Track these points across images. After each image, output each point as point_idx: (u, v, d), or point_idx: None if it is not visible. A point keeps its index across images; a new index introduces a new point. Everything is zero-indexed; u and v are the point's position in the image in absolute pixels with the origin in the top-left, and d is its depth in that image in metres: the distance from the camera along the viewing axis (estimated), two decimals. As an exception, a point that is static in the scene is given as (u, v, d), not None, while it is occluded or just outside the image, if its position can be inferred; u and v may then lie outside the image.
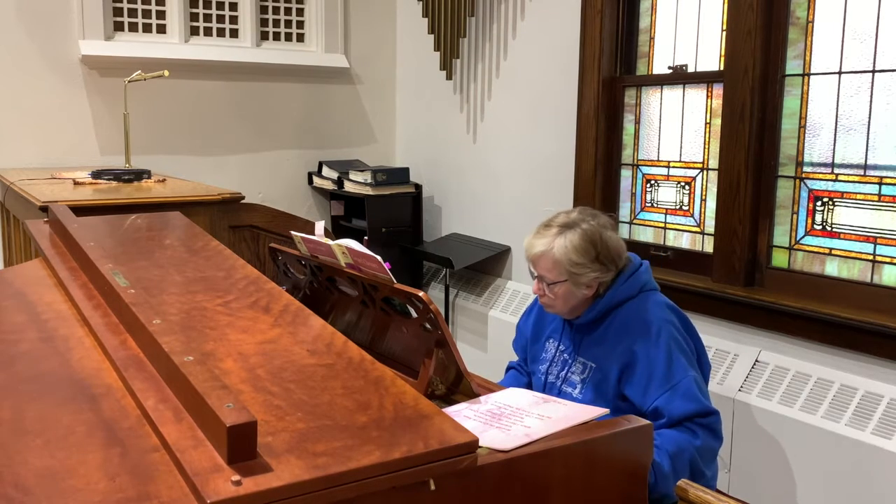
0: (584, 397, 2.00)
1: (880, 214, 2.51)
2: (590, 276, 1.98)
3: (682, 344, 1.94)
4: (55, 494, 0.86)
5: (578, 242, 1.97)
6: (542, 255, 2.01)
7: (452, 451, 0.98)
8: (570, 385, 2.05)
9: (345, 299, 1.84)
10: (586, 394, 2.01)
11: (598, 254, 1.98)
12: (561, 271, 1.97)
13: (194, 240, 1.89)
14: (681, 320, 2.01)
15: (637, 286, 2.02)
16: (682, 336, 1.97)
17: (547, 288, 2.02)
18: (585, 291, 2.00)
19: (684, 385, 1.88)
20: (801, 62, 2.69)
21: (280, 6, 4.34)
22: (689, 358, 1.95)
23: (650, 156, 3.28)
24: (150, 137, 3.98)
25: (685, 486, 1.26)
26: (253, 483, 0.85)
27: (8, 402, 1.07)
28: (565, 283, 1.99)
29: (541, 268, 2.03)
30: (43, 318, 1.40)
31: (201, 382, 0.97)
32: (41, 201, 2.37)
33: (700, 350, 2.04)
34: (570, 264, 1.96)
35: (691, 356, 1.97)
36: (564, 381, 2.07)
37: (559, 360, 2.11)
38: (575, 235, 1.98)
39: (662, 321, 1.95)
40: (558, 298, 2.01)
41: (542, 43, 3.61)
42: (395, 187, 4.17)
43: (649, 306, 1.99)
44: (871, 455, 2.28)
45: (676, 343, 1.93)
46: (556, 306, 2.04)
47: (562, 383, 2.08)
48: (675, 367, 1.90)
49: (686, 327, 2.02)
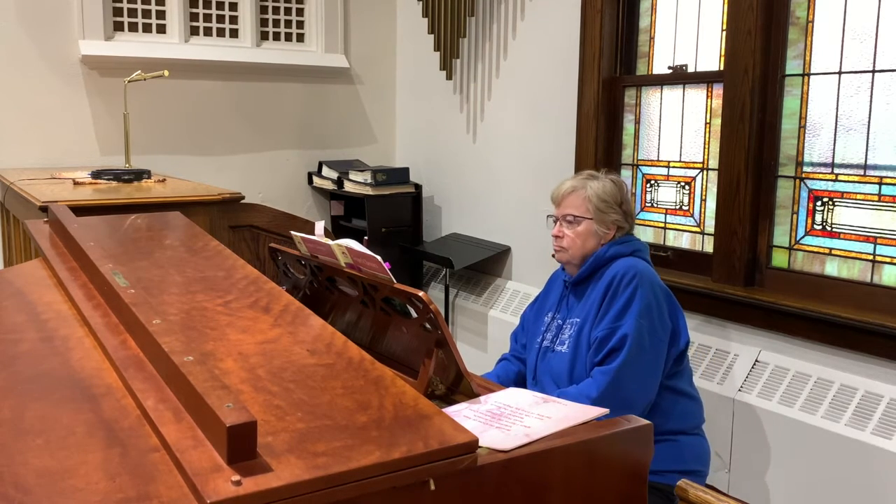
0: (569, 350, 2.09)
1: (880, 214, 2.51)
2: (612, 217, 2.13)
3: (648, 296, 2.01)
4: (55, 494, 0.86)
5: (609, 186, 2.17)
6: (573, 192, 2.16)
7: (452, 451, 0.98)
8: (560, 343, 2.13)
9: (345, 299, 1.84)
10: (570, 347, 2.09)
11: (622, 202, 2.16)
12: (588, 207, 2.13)
13: (194, 240, 1.89)
14: (663, 289, 2.08)
15: (630, 248, 2.13)
16: (654, 294, 2.03)
17: (568, 227, 2.14)
18: (606, 232, 2.13)
19: (625, 327, 1.96)
20: (801, 62, 2.69)
21: (280, 6, 4.34)
22: (650, 310, 2.00)
23: (650, 156, 3.28)
24: (150, 137, 3.98)
25: (685, 486, 1.26)
26: (253, 483, 0.85)
27: (8, 402, 1.07)
28: (589, 222, 2.12)
29: (567, 205, 2.16)
30: (43, 318, 1.40)
31: (201, 382, 0.97)
32: (41, 201, 2.37)
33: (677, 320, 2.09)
34: (599, 201, 2.13)
35: (654, 312, 2.01)
36: (556, 342, 2.15)
37: (553, 327, 2.19)
38: (606, 181, 2.18)
39: (639, 272, 2.04)
40: (577, 238, 2.13)
41: (542, 43, 3.61)
42: (395, 187, 4.17)
43: (636, 262, 2.09)
44: (871, 455, 2.28)
45: (643, 292, 2.00)
46: (572, 249, 2.14)
47: (555, 345, 2.15)
48: (629, 311, 1.98)
49: (667, 297, 2.08)
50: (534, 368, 2.19)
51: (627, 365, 1.94)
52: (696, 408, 2.16)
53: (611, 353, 1.98)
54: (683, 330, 2.10)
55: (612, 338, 1.97)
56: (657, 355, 2.01)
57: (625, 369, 1.93)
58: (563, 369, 2.09)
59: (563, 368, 2.09)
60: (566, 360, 2.09)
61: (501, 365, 2.34)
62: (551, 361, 2.14)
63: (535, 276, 3.71)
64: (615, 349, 1.97)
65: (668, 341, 2.04)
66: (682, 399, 2.11)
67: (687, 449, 2.09)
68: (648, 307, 2.00)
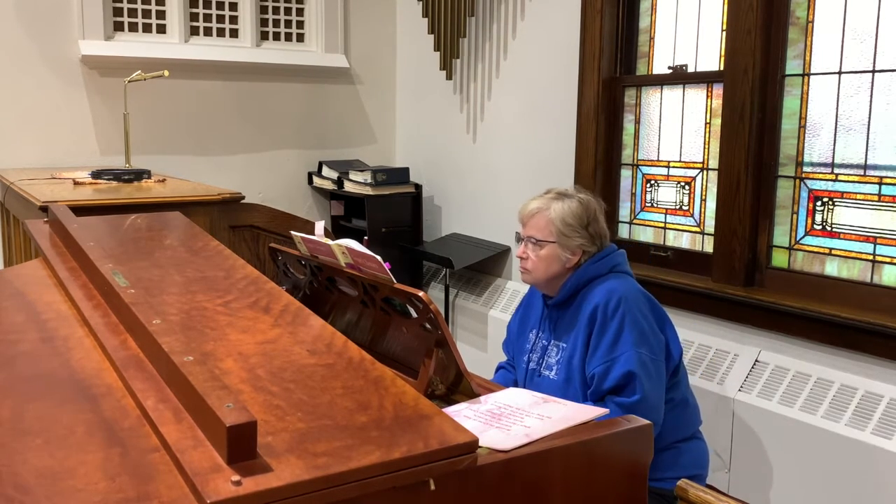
0: (559, 378, 2.04)
1: (880, 214, 2.51)
2: (577, 241, 2.05)
3: (638, 320, 1.96)
4: (55, 494, 0.86)
5: (574, 207, 2.07)
6: (537, 213, 2.09)
7: (452, 451, 0.98)
8: (548, 368, 2.09)
9: (345, 299, 1.84)
10: (560, 374, 2.05)
11: (589, 223, 2.07)
12: (552, 230, 2.05)
13: (194, 240, 1.89)
14: (648, 302, 2.04)
15: (608, 266, 2.07)
16: (643, 314, 1.98)
17: (532, 249, 2.08)
18: (569, 257, 2.06)
19: (624, 359, 1.91)
20: (801, 62, 2.69)
21: (280, 6, 4.34)
22: (644, 336, 1.95)
23: (650, 156, 3.28)
24: (150, 137, 3.98)
25: (685, 485, 1.26)
26: (253, 483, 0.85)
27: (8, 402, 1.07)
28: (552, 245, 2.05)
29: (531, 227, 2.09)
30: (43, 318, 1.40)
31: (201, 382, 0.97)
32: (41, 201, 2.37)
33: (666, 330, 2.05)
34: (563, 224, 2.05)
35: (649, 335, 1.97)
36: (543, 365, 2.10)
37: (538, 347, 2.15)
38: (572, 202, 2.08)
39: (622, 297, 1.98)
40: (541, 262, 2.06)
41: (542, 43, 3.61)
42: (395, 187, 4.17)
43: (614, 284, 2.03)
44: (871, 455, 2.28)
45: (632, 317, 1.95)
46: (536, 272, 2.08)
47: (542, 368, 2.11)
48: (622, 340, 1.93)
49: (653, 309, 2.04)
50: None
51: (644, 399, 1.89)
52: (694, 413, 2.14)
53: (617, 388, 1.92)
54: (673, 342, 2.05)
55: (612, 372, 1.91)
56: (661, 377, 1.98)
57: (642, 404, 1.88)
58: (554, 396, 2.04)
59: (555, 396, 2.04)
60: (557, 388, 2.03)
61: (501, 374, 2.31)
62: (540, 386, 2.08)
63: (535, 276, 3.71)
64: (622, 386, 1.91)
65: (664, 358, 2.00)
66: (679, 408, 2.08)
67: (685, 455, 2.07)
68: (642, 333, 1.95)
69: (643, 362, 1.92)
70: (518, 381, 2.20)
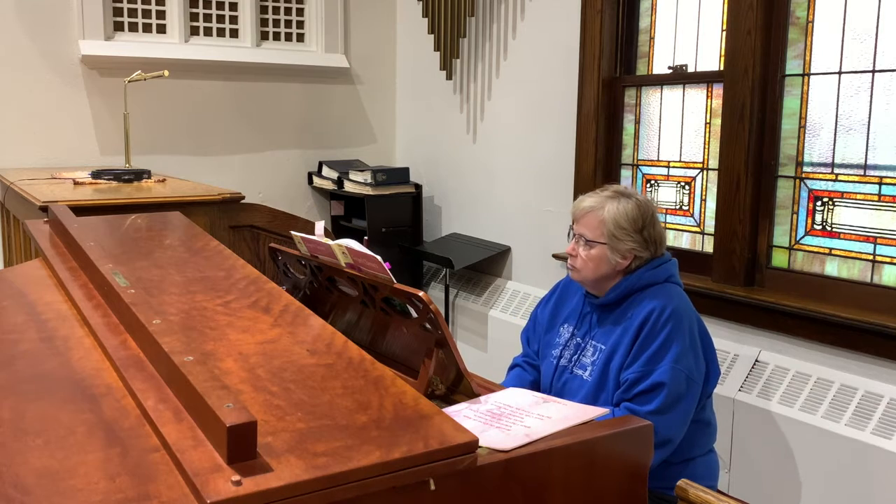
0: (592, 378, 1.97)
1: (880, 214, 2.51)
2: (628, 245, 1.96)
3: (685, 339, 1.89)
4: (55, 494, 0.86)
5: (630, 209, 1.97)
6: (590, 212, 1.99)
7: (452, 451, 0.98)
8: (581, 367, 2.02)
9: (345, 299, 1.84)
10: (594, 375, 1.98)
11: (644, 227, 1.97)
12: (603, 232, 1.96)
13: (194, 240, 1.89)
14: (700, 325, 1.97)
15: (665, 275, 1.99)
16: (691, 335, 1.92)
17: (582, 248, 1.99)
18: (619, 261, 1.97)
19: (659, 372, 1.85)
20: (801, 62, 2.69)
21: (280, 6, 4.34)
22: (686, 355, 1.89)
23: (650, 156, 3.28)
24: (150, 137, 3.98)
25: (685, 485, 1.26)
26: (253, 483, 0.85)
27: (8, 402, 1.07)
28: (603, 247, 1.96)
29: (583, 225, 2.00)
30: (43, 318, 1.40)
31: (201, 382, 0.97)
32: (41, 201, 2.37)
33: (710, 357, 1.98)
34: (615, 226, 1.95)
35: (694, 354, 1.91)
36: (576, 364, 2.03)
37: (571, 344, 2.07)
38: (628, 203, 1.98)
39: (676, 311, 1.90)
40: (590, 262, 1.98)
41: (542, 43, 3.61)
42: (395, 187, 4.17)
43: (671, 294, 1.95)
44: (871, 455, 2.28)
45: (681, 334, 1.88)
46: (584, 271, 2.00)
47: (573, 367, 2.04)
48: (664, 353, 1.86)
49: (703, 335, 1.97)
50: (549, 387, 2.09)
51: (660, 413, 1.84)
52: (713, 431, 2.09)
53: (640, 395, 1.87)
54: (714, 368, 1.98)
55: (644, 381, 1.86)
56: (692, 400, 1.91)
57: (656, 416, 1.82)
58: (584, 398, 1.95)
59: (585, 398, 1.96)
60: (589, 389, 1.96)
61: (515, 373, 2.23)
62: (570, 384, 2.02)
63: (536, 276, 3.71)
64: (645, 392, 1.86)
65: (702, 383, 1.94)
66: (702, 427, 2.03)
67: (700, 468, 2.02)
68: (685, 352, 1.88)
69: (678, 380, 1.85)
70: (543, 375, 2.13)
